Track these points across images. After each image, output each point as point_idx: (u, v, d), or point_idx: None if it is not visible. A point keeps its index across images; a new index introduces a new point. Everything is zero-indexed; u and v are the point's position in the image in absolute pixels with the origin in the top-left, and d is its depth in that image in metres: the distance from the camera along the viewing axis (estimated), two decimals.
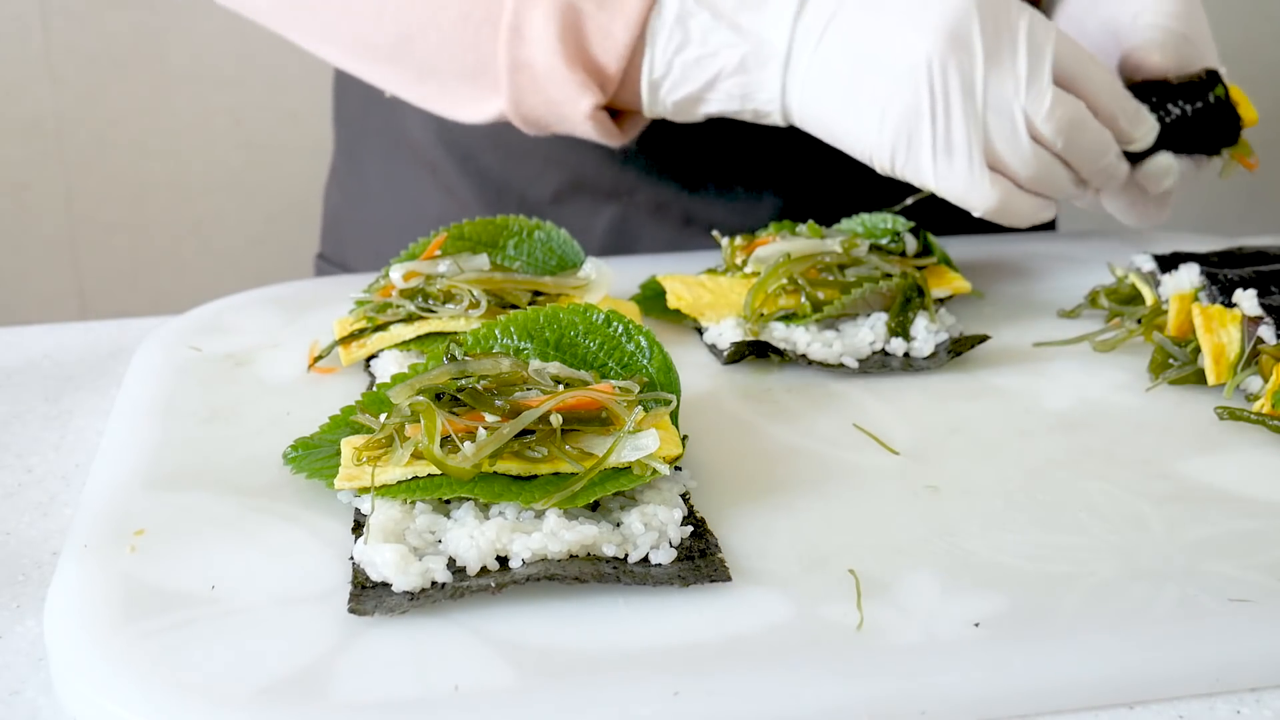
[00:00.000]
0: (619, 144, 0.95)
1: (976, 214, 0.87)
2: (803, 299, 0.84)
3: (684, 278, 0.89)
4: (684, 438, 0.70)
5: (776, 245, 0.87)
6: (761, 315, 0.84)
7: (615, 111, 0.94)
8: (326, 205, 1.26)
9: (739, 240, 0.91)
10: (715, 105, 0.90)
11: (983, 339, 0.83)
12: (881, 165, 0.88)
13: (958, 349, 0.83)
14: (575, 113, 0.91)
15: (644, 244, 1.09)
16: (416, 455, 0.63)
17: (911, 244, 0.89)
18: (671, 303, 0.87)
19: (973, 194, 0.86)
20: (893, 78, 0.84)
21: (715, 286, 0.88)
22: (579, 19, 0.88)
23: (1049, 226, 1.21)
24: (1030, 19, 0.85)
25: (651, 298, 0.90)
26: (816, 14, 0.86)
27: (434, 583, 0.58)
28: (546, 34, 0.88)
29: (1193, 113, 0.92)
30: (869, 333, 0.84)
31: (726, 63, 0.88)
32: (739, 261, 0.89)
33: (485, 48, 0.91)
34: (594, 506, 0.64)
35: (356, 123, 1.18)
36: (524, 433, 0.63)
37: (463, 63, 0.92)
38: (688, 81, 0.89)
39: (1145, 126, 0.90)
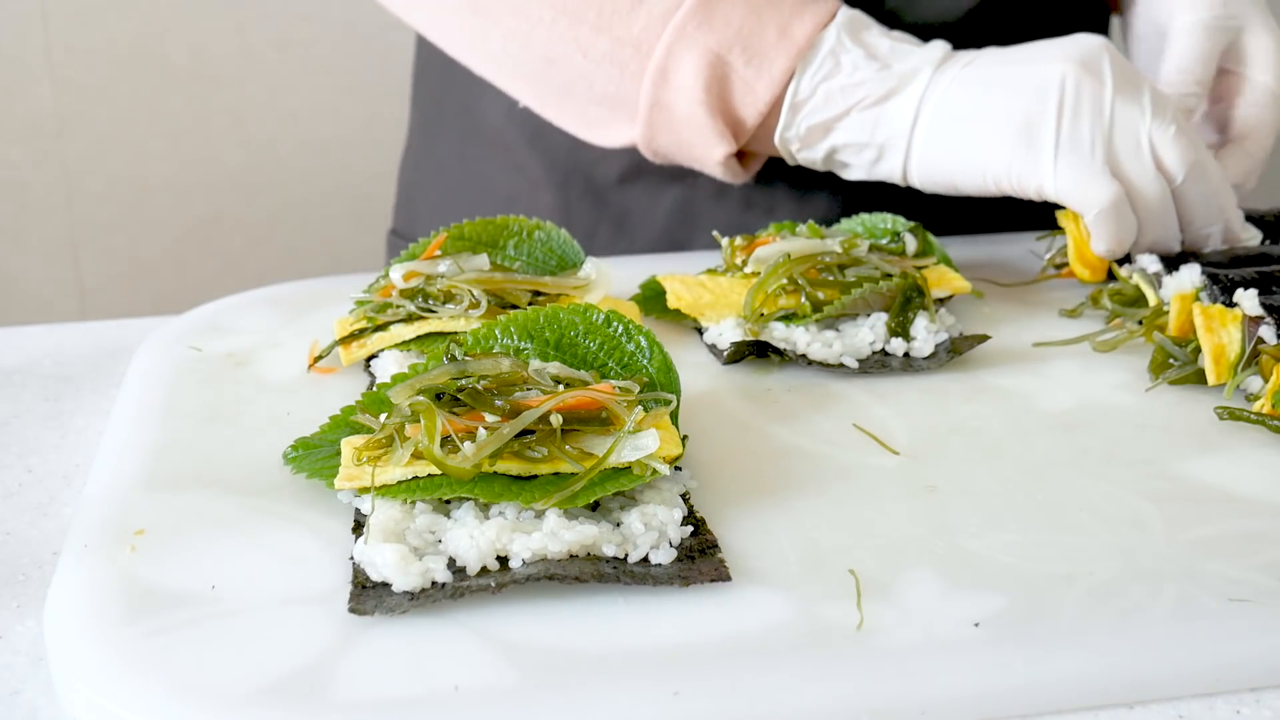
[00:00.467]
0: (741, 182, 0.99)
1: (1090, 212, 0.87)
2: (803, 299, 0.84)
3: (684, 278, 0.89)
4: (684, 438, 0.70)
5: (776, 246, 0.87)
6: (761, 315, 0.84)
7: (740, 152, 0.98)
8: (400, 183, 1.28)
9: (739, 240, 0.91)
10: (843, 135, 0.93)
11: (983, 339, 0.83)
12: (996, 175, 0.89)
13: (957, 349, 0.83)
14: (708, 157, 0.95)
15: (705, 225, 1.11)
16: (416, 455, 0.63)
17: (911, 244, 0.90)
18: (671, 303, 0.87)
19: (1093, 186, 0.86)
20: (1021, 93, 0.88)
21: (715, 286, 0.88)
22: (726, 72, 0.92)
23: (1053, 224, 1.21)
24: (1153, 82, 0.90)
25: (651, 297, 0.90)
26: (958, 59, 0.91)
27: (434, 583, 0.58)
28: (694, 82, 0.92)
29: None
30: (869, 333, 0.84)
31: (870, 93, 0.91)
32: (739, 261, 0.89)
33: (629, 84, 0.94)
34: (594, 506, 0.64)
35: (433, 104, 1.20)
36: (524, 433, 0.63)
37: (604, 92, 0.95)
38: (829, 106, 0.92)
39: (1250, 233, 0.92)
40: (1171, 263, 0.85)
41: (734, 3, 0.92)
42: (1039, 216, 1.02)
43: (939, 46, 0.92)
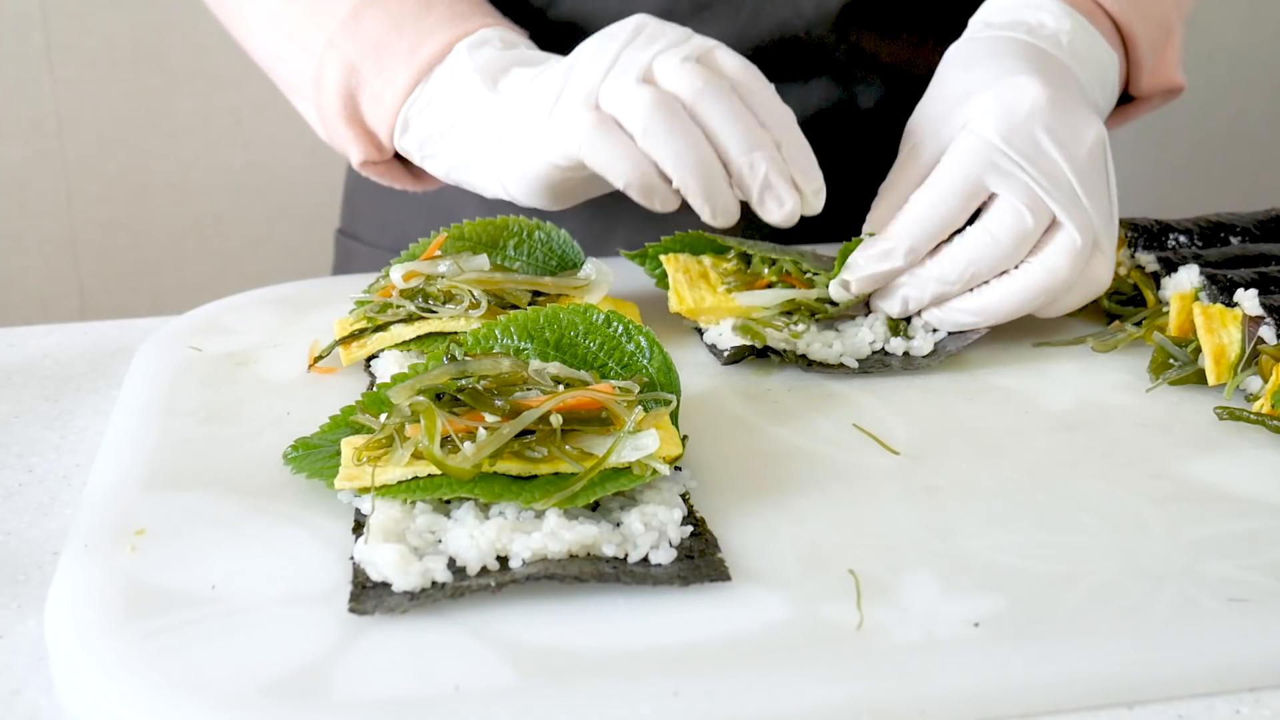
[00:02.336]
0: (417, 189, 1.01)
1: (577, 147, 0.81)
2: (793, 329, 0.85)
3: (687, 264, 0.89)
4: (684, 438, 0.70)
5: (770, 294, 0.86)
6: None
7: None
8: (345, 181, 1.30)
9: (732, 263, 0.90)
10: (450, 153, 0.91)
11: (981, 332, 0.83)
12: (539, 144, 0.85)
13: (957, 343, 0.82)
14: (353, 162, 0.98)
15: (622, 219, 1.09)
16: (416, 455, 0.63)
17: None
18: (673, 307, 0.87)
19: (572, 122, 0.81)
20: (553, 79, 0.85)
21: (717, 285, 0.88)
22: (360, 82, 0.94)
23: None
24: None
25: (656, 270, 0.90)
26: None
27: (434, 582, 0.58)
28: (334, 90, 0.95)
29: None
30: (869, 333, 0.84)
31: (466, 113, 0.90)
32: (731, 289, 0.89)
33: (310, 90, 0.98)
34: (594, 506, 0.64)
35: None
36: (524, 433, 0.63)
37: (302, 97, 1.00)
38: (434, 122, 0.91)
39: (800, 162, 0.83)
40: (1170, 263, 0.85)
41: (380, 16, 0.93)
42: None
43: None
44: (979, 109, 0.82)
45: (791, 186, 0.82)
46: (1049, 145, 0.80)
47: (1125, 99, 1.02)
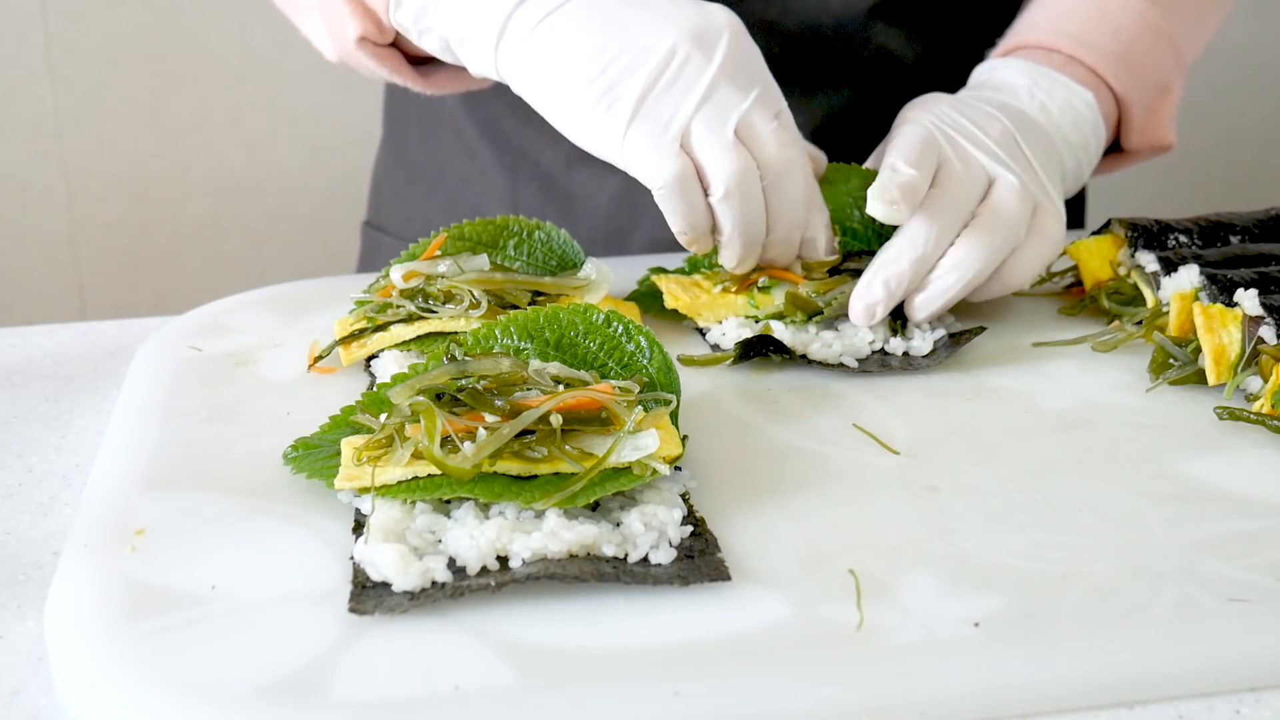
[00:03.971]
0: (424, 90, 0.97)
1: (654, 187, 0.80)
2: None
3: (679, 279, 0.89)
4: (684, 438, 0.70)
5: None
6: (757, 319, 0.85)
7: (422, 63, 0.96)
8: (374, 173, 1.29)
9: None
10: (447, 23, 0.86)
11: (979, 330, 0.84)
12: (574, 130, 0.83)
13: (957, 344, 0.83)
14: (347, 40, 0.92)
15: (646, 213, 1.10)
16: (416, 455, 0.63)
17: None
18: (669, 303, 0.87)
19: (658, 159, 0.79)
20: (625, 49, 0.81)
21: (711, 287, 0.88)
22: None
23: (1078, 224, 1.21)
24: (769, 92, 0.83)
25: (647, 295, 0.90)
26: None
27: (434, 582, 0.58)
28: None
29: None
30: (869, 332, 0.84)
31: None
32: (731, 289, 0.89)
33: None
34: (594, 506, 0.64)
35: (399, 91, 1.21)
36: (524, 433, 0.63)
37: None
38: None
39: (823, 247, 0.86)
40: (1170, 263, 0.85)
41: None
42: None
43: None
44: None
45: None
46: (968, 125, 0.88)
47: (1117, 147, 1.04)
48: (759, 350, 0.82)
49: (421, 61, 0.96)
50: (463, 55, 0.87)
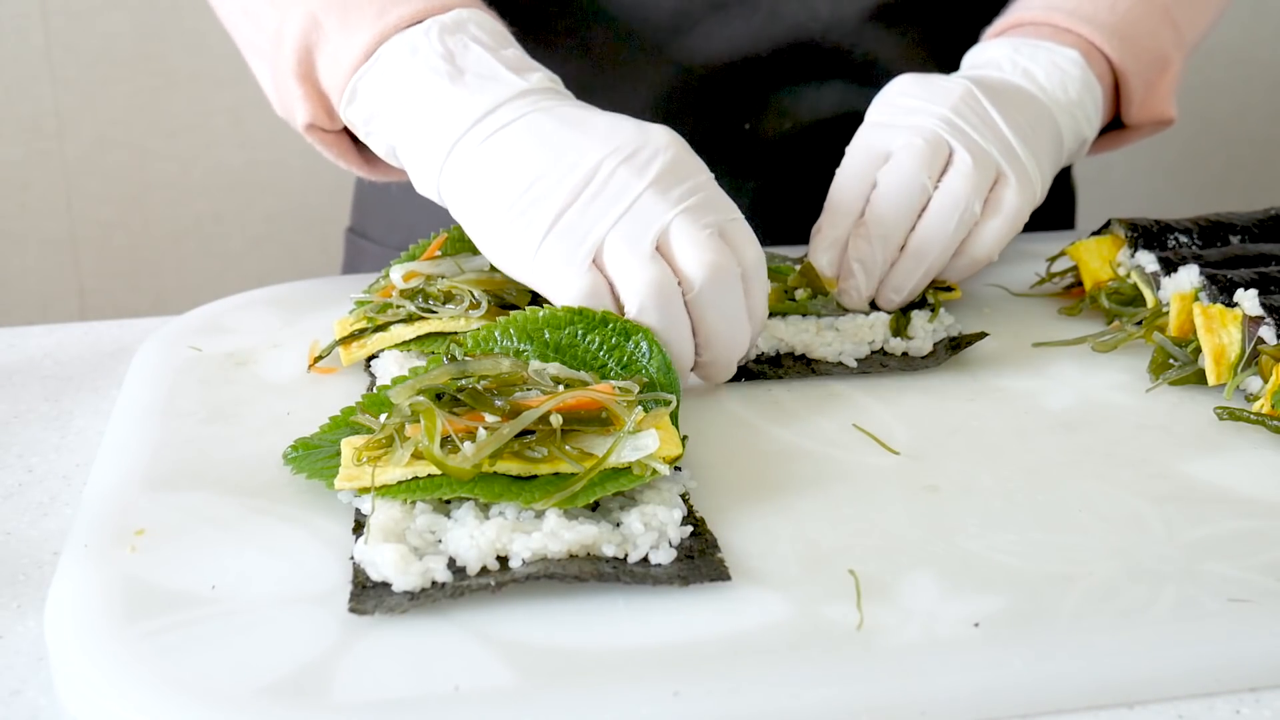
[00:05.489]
0: (369, 178, 0.94)
1: (560, 302, 0.75)
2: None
3: None
4: (684, 438, 0.70)
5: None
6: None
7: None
8: (356, 181, 1.28)
9: None
10: (394, 133, 0.84)
11: (980, 336, 0.83)
12: (491, 245, 0.78)
13: (957, 347, 0.83)
14: (298, 124, 0.90)
15: None
16: (417, 455, 0.63)
17: None
18: None
19: (565, 275, 0.74)
20: (556, 164, 0.76)
21: None
22: (319, 37, 0.86)
23: (1068, 224, 1.22)
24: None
25: None
26: (546, 96, 0.81)
27: (434, 582, 0.58)
28: (292, 43, 0.87)
29: None
30: (869, 332, 0.84)
31: (423, 97, 0.82)
32: None
33: (270, 50, 0.91)
34: (594, 506, 0.64)
35: None
36: (524, 433, 0.63)
37: (262, 57, 0.93)
38: (384, 97, 0.84)
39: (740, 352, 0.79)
40: (1170, 263, 0.85)
41: None
42: (1041, 220, 1.03)
43: (539, 76, 0.82)
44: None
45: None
46: (915, 102, 0.89)
47: (1118, 125, 1.04)
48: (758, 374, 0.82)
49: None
50: (408, 167, 0.83)
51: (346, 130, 0.92)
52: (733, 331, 0.76)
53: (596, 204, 0.75)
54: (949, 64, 1.03)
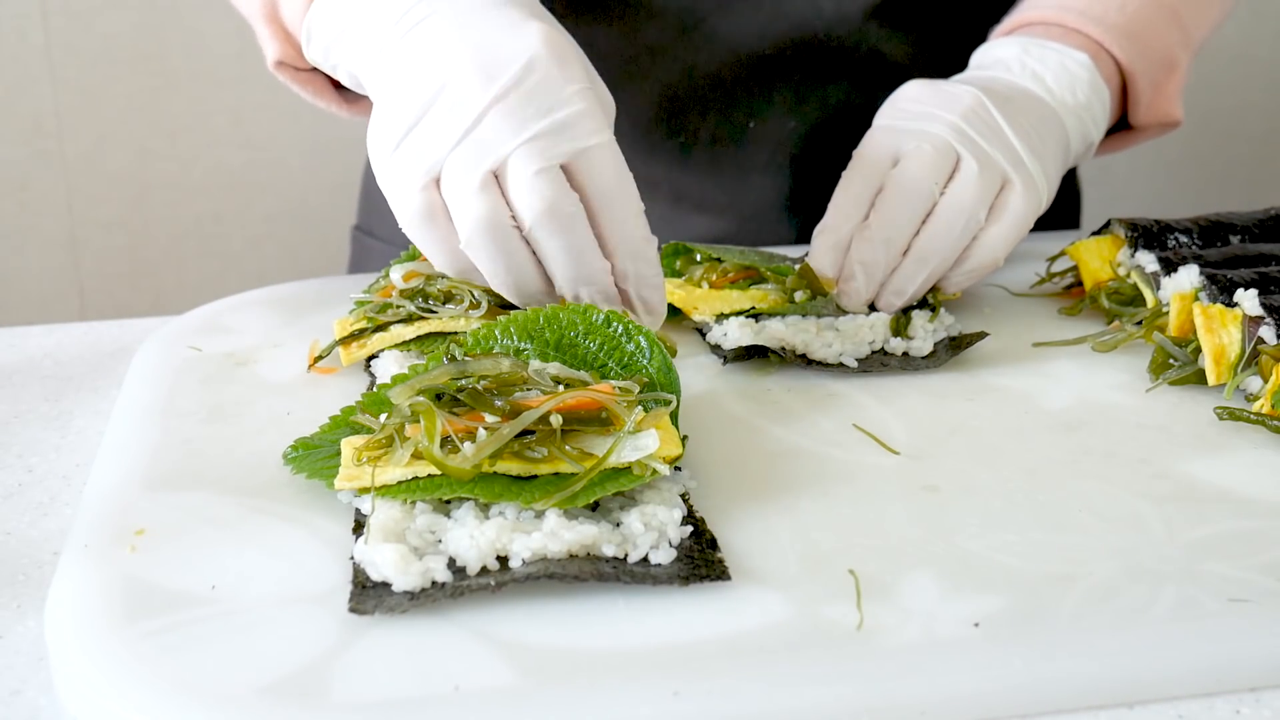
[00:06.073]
0: (348, 115, 0.95)
1: (399, 220, 0.76)
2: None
3: (671, 279, 0.90)
4: (684, 438, 0.70)
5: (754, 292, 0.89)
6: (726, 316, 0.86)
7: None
8: (364, 177, 1.29)
9: (702, 265, 0.91)
10: (346, 57, 0.83)
11: (981, 336, 0.83)
12: (372, 149, 0.78)
13: (957, 346, 0.83)
14: (268, 62, 0.91)
15: (674, 228, 1.11)
16: (416, 455, 0.63)
17: None
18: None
19: (402, 193, 0.75)
20: (425, 73, 0.75)
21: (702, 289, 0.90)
22: None
23: (1073, 224, 1.22)
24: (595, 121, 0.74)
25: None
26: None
27: (434, 582, 0.58)
28: None
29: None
30: (869, 332, 0.84)
31: (371, 18, 0.80)
32: (705, 283, 0.90)
33: None
34: (594, 506, 0.64)
35: None
36: (524, 433, 0.63)
37: (248, 7, 0.94)
38: (339, 20, 0.83)
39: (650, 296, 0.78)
40: (1170, 263, 0.85)
41: None
42: (1046, 220, 1.03)
43: None
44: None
45: (618, 308, 0.76)
46: (924, 108, 0.89)
47: (1125, 126, 1.05)
48: (762, 352, 0.82)
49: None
50: (365, 86, 0.82)
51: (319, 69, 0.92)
52: (580, 266, 0.74)
53: (441, 120, 0.73)
54: (952, 62, 1.03)
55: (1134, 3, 0.98)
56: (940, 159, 0.86)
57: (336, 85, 0.95)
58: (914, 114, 0.89)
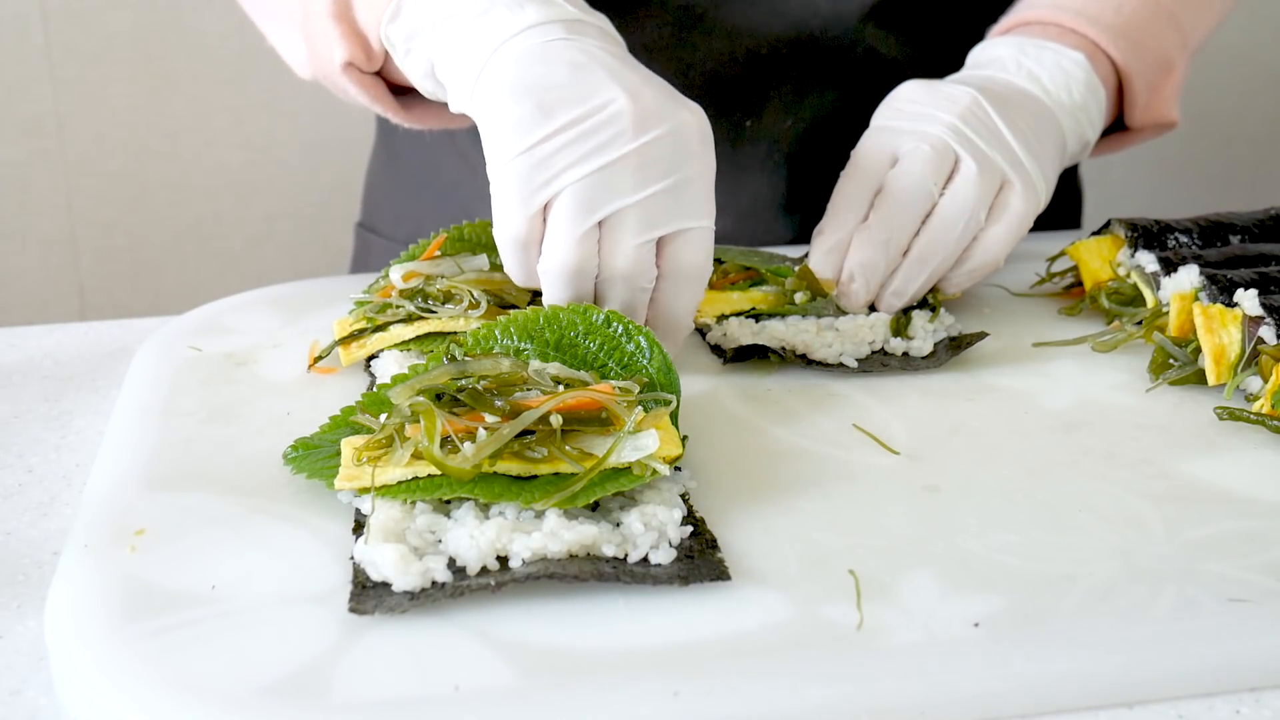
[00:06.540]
0: (404, 122, 0.95)
1: (495, 232, 0.77)
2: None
3: None
4: (684, 438, 0.70)
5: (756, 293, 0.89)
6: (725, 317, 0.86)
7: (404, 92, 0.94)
8: (368, 174, 1.29)
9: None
10: (437, 46, 0.82)
11: (981, 336, 0.83)
12: (492, 130, 0.77)
13: (957, 346, 0.83)
14: (331, 65, 0.89)
15: None
16: (416, 455, 0.63)
17: None
18: None
19: (508, 212, 0.75)
20: (571, 89, 0.75)
21: None
22: None
23: (1074, 224, 1.22)
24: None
25: None
26: (592, 25, 0.81)
27: (434, 582, 0.58)
28: None
29: None
30: (869, 332, 0.84)
31: (472, 6, 0.81)
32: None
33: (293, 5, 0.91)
34: (594, 506, 0.64)
35: None
36: (524, 433, 0.63)
37: (286, 9, 0.93)
38: (433, 7, 0.82)
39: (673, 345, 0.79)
40: (1170, 263, 0.85)
41: None
42: (1047, 220, 1.03)
43: (597, 15, 0.81)
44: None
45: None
46: (922, 108, 0.89)
47: (1121, 127, 1.05)
48: (762, 352, 0.82)
49: (402, 92, 0.95)
50: (446, 82, 0.82)
51: (381, 76, 0.92)
52: (665, 324, 0.78)
53: (582, 144, 0.73)
54: (948, 61, 1.03)
55: (1130, 4, 0.98)
56: (939, 160, 0.86)
57: (394, 90, 0.94)
58: (911, 114, 0.89)
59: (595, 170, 0.73)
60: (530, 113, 0.74)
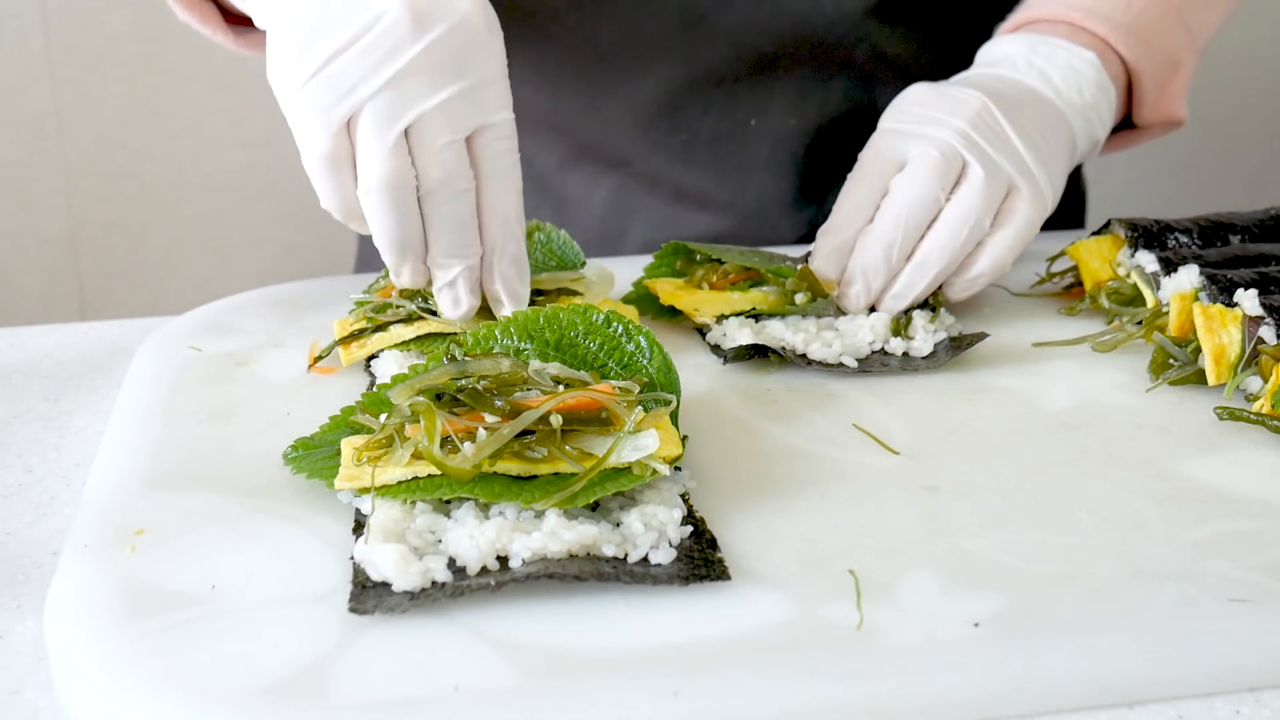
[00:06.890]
0: (237, 49, 0.94)
1: (303, 154, 0.76)
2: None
3: (671, 280, 0.90)
4: (684, 438, 0.70)
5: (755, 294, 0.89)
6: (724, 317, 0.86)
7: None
8: None
9: (702, 266, 0.92)
10: None
11: (981, 337, 0.83)
12: (275, 54, 0.77)
13: (957, 347, 0.83)
14: None
15: (639, 215, 1.11)
16: (416, 455, 0.63)
17: None
18: (666, 300, 0.87)
19: (310, 129, 0.75)
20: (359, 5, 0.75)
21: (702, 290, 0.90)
22: None
23: (1078, 224, 1.22)
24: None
25: (643, 298, 0.91)
26: None
27: (434, 582, 0.58)
28: None
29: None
30: (869, 332, 0.84)
31: None
32: (706, 284, 0.90)
33: None
34: (594, 506, 0.64)
35: None
36: (524, 433, 0.63)
37: None
38: None
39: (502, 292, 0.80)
40: (1170, 263, 0.85)
41: None
42: (1051, 220, 1.03)
43: None
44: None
45: (474, 293, 0.79)
46: (930, 112, 0.88)
47: (1128, 125, 1.05)
48: (762, 352, 0.82)
49: (239, 22, 0.93)
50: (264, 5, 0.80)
51: (216, 2, 0.91)
52: (458, 237, 0.77)
53: (365, 59, 0.73)
54: (953, 60, 1.03)
55: (1139, 2, 0.98)
56: (947, 165, 0.86)
57: (228, 18, 0.93)
58: (919, 118, 0.89)
59: (388, 81, 0.73)
60: (309, 34, 0.74)
